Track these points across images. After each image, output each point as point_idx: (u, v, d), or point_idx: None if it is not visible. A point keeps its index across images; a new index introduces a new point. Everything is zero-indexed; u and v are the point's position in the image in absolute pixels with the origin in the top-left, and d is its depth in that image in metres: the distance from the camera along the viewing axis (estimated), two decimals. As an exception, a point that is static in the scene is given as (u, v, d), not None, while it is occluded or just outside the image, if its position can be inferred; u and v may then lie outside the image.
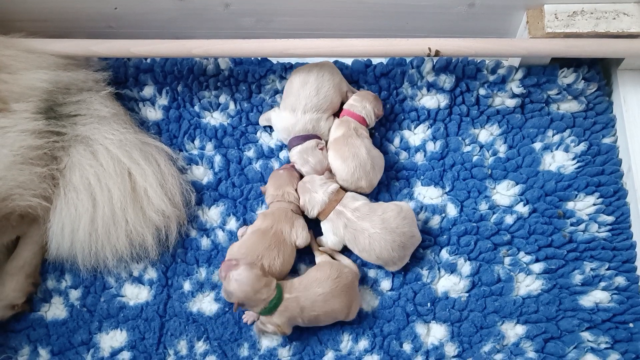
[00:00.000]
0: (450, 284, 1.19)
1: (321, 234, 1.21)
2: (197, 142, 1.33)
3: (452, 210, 1.25)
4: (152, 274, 1.23)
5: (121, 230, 1.16)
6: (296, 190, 1.22)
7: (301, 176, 1.25)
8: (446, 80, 1.31)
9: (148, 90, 1.36)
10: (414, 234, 1.16)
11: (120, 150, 1.18)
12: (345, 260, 1.19)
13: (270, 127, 1.32)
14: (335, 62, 1.33)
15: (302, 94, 1.24)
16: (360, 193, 1.22)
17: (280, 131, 1.28)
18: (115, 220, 1.16)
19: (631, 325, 1.14)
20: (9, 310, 1.20)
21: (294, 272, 1.20)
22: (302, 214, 1.22)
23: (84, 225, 1.14)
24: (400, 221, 1.14)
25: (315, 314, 1.11)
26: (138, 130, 1.27)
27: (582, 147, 1.26)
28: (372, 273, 1.20)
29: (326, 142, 1.26)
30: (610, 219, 1.22)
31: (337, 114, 1.29)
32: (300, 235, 1.18)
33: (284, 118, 1.26)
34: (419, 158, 1.29)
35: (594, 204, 1.23)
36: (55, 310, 1.22)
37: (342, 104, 1.29)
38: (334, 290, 1.11)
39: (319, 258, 1.19)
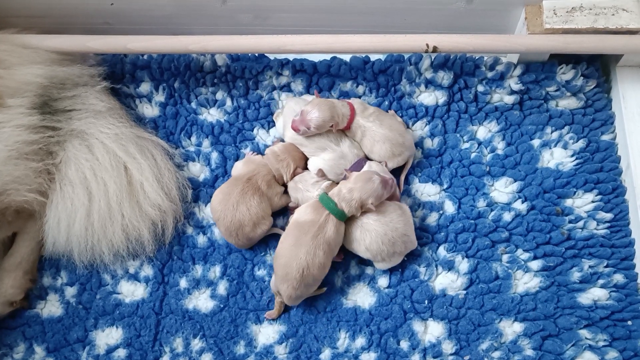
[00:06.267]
0: (448, 282, 1.18)
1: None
2: (193, 138, 1.32)
3: (449, 208, 1.24)
4: (148, 271, 1.22)
5: (117, 225, 1.16)
6: (295, 169, 1.21)
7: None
8: (444, 77, 1.30)
9: (145, 87, 1.35)
10: (408, 233, 1.15)
11: (116, 144, 1.18)
12: None
13: (268, 123, 1.32)
14: (333, 59, 1.33)
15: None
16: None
17: (336, 172, 1.21)
18: (112, 214, 1.15)
19: (629, 322, 1.14)
20: (8, 307, 1.20)
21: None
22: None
23: (80, 219, 1.14)
24: (395, 217, 1.13)
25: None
26: (134, 124, 1.27)
27: (581, 144, 1.26)
28: (369, 270, 1.20)
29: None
30: (609, 216, 1.21)
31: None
32: (281, 197, 1.22)
33: (329, 158, 1.21)
34: (416, 155, 1.28)
35: (593, 201, 1.22)
36: (50, 308, 1.22)
37: None
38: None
39: None
